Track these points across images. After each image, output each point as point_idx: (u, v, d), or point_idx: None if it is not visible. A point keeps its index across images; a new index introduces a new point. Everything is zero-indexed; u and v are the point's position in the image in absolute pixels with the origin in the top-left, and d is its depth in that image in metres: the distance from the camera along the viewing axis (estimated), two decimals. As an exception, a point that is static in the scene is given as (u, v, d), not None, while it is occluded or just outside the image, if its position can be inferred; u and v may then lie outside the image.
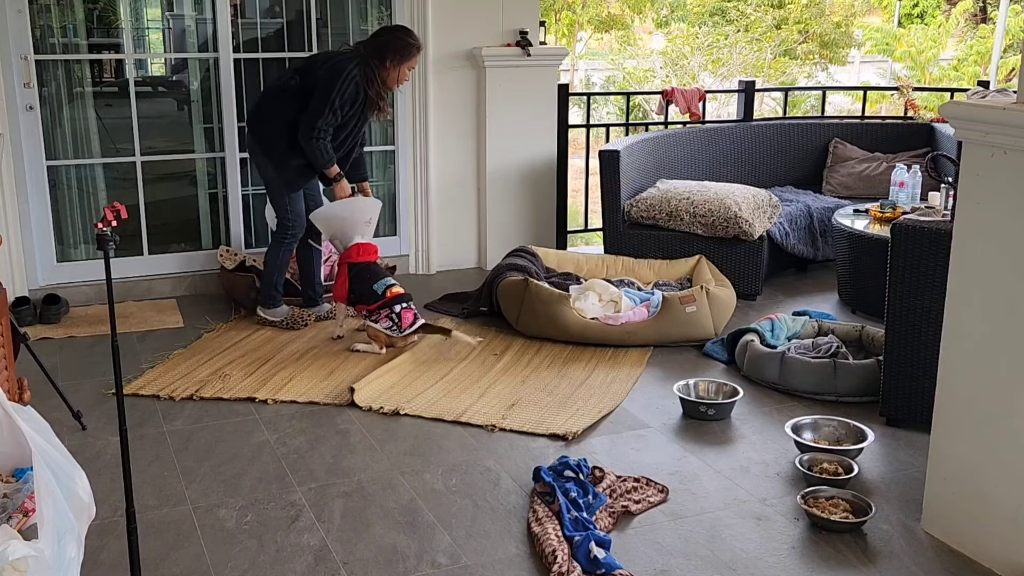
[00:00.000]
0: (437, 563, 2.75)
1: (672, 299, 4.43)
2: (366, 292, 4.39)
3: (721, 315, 4.56)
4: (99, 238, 2.29)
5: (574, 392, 3.95)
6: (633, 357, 4.33)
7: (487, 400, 3.85)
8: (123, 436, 2.42)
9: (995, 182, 2.60)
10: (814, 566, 2.74)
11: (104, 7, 5.23)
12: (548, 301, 4.45)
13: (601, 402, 3.85)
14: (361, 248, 4.47)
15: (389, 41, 4.36)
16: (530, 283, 4.51)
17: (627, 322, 4.41)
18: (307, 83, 4.35)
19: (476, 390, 3.94)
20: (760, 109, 10.06)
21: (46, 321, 4.74)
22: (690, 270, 5.08)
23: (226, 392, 3.93)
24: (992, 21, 15.54)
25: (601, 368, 4.21)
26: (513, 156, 5.76)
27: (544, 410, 3.77)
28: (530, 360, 4.30)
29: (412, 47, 4.40)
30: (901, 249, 3.49)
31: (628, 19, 16.09)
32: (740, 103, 6.70)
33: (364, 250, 4.47)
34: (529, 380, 4.07)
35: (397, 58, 4.35)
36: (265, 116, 4.49)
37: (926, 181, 5.55)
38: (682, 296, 4.44)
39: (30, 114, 4.86)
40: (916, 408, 3.54)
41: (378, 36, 4.43)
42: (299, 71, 4.43)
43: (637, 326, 4.41)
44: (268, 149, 4.48)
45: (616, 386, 4.01)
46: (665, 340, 4.44)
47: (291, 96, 4.38)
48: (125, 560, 2.48)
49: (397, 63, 4.37)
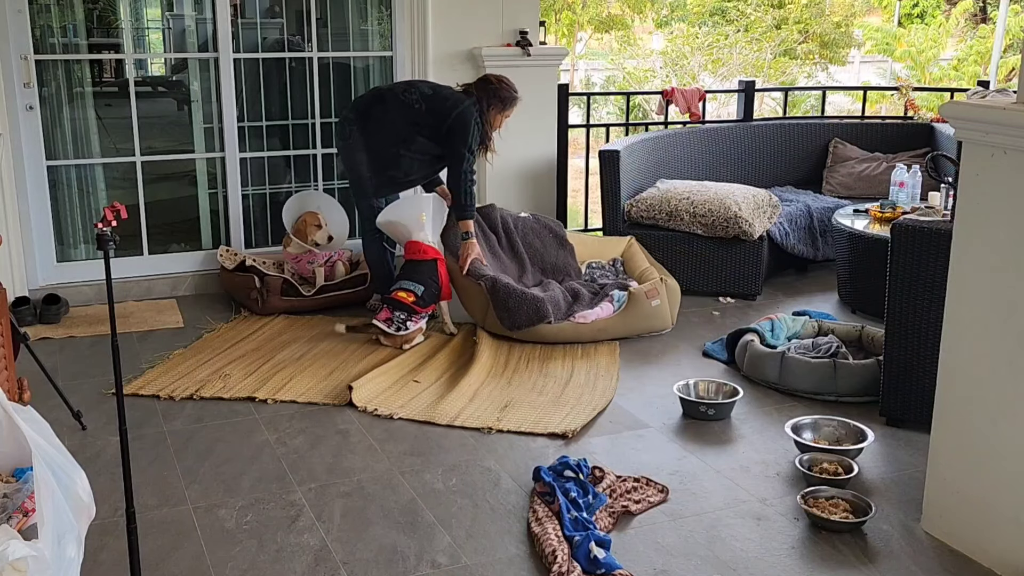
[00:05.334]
0: (437, 563, 2.75)
1: (638, 294, 4.59)
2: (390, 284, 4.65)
3: (673, 305, 4.74)
4: (99, 238, 2.29)
5: (563, 391, 3.97)
6: (604, 352, 4.41)
7: (478, 403, 3.84)
8: (123, 436, 2.42)
9: (995, 182, 2.60)
10: (814, 566, 2.75)
11: (104, 7, 5.23)
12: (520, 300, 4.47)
13: (592, 399, 3.88)
14: (410, 246, 4.62)
15: (499, 90, 4.72)
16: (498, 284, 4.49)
17: (597, 319, 4.51)
18: (433, 117, 4.60)
19: (467, 391, 3.94)
20: (760, 109, 10.06)
21: (46, 321, 4.74)
22: (622, 252, 5.23)
23: (226, 392, 3.93)
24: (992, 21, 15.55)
25: (580, 365, 4.26)
26: (513, 156, 5.76)
27: (538, 410, 3.78)
28: (507, 359, 4.32)
29: (515, 99, 4.78)
30: (901, 249, 3.49)
31: (628, 19, 16.10)
32: (740, 103, 6.70)
33: (411, 248, 4.61)
34: (515, 381, 4.08)
35: (500, 106, 4.73)
36: (383, 123, 4.66)
37: (926, 181, 5.56)
38: (647, 291, 4.61)
39: (30, 114, 4.86)
40: (916, 408, 3.54)
41: (488, 83, 4.76)
42: (424, 98, 4.65)
43: (607, 322, 4.52)
44: (374, 152, 4.67)
45: (601, 382, 4.06)
46: (631, 333, 4.59)
47: (412, 116, 4.62)
48: (125, 560, 2.48)
49: (500, 110, 4.74)
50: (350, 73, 5.64)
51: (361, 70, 5.67)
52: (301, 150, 5.61)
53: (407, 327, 4.38)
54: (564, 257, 5.11)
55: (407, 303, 4.41)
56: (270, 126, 5.58)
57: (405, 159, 4.66)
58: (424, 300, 4.47)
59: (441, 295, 4.61)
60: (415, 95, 4.66)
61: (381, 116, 4.65)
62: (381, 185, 4.74)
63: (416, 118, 4.61)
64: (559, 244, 5.14)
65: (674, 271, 5.21)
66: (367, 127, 4.66)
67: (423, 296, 4.47)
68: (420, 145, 4.64)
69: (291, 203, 5.18)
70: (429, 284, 4.51)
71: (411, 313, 4.41)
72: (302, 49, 5.46)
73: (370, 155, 4.67)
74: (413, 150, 4.65)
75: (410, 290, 4.47)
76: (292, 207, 5.16)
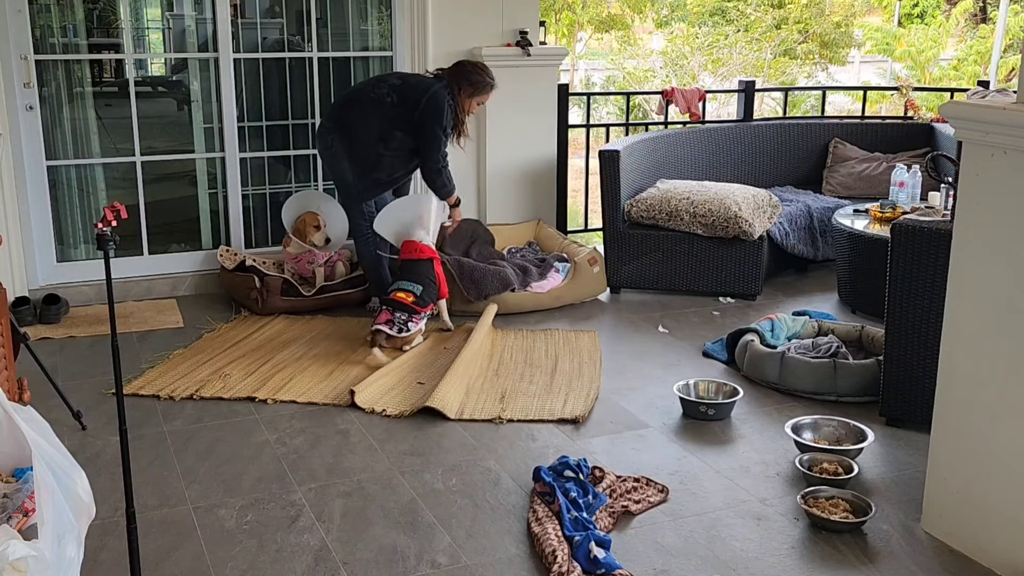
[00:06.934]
0: (437, 563, 2.75)
1: (582, 263, 5.11)
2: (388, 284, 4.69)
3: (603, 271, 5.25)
4: (99, 238, 2.29)
5: (553, 380, 4.07)
6: (585, 340, 4.55)
7: (475, 397, 3.88)
8: (123, 436, 2.42)
9: (995, 182, 2.60)
10: (814, 566, 2.75)
11: (104, 7, 5.23)
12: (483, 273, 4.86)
13: (582, 386, 4.00)
14: (407, 245, 4.65)
15: (471, 74, 4.71)
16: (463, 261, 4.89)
17: (553, 288, 5.01)
18: (406, 107, 4.60)
19: (460, 386, 3.94)
20: (760, 109, 10.05)
21: (46, 321, 4.74)
22: (535, 235, 5.75)
23: (226, 392, 3.93)
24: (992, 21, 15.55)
25: (563, 353, 4.38)
26: (513, 156, 5.76)
27: (535, 398, 3.86)
28: (490, 351, 4.37)
29: (488, 85, 4.75)
30: (901, 249, 3.49)
31: (628, 19, 16.10)
32: (740, 103, 6.70)
33: (407, 248, 4.64)
34: (502, 372, 4.15)
35: (471, 90, 4.70)
36: (359, 125, 4.66)
37: (926, 181, 5.55)
38: (588, 259, 5.14)
39: (30, 114, 4.86)
40: (916, 408, 3.54)
41: (462, 67, 4.76)
42: (395, 89, 4.65)
43: (561, 290, 5.03)
44: (356, 158, 4.68)
45: (587, 369, 4.19)
46: (582, 298, 5.13)
47: (386, 111, 4.61)
48: (125, 560, 2.48)
49: (470, 94, 4.71)
50: (350, 73, 5.64)
51: (361, 70, 5.67)
52: (301, 150, 5.62)
53: (408, 328, 4.38)
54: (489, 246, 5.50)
55: (407, 303, 4.41)
56: (270, 126, 5.58)
57: (386, 159, 4.68)
58: (423, 300, 4.48)
59: (440, 294, 4.61)
60: (384, 89, 4.67)
61: (356, 119, 4.66)
62: (367, 189, 4.77)
63: (390, 112, 4.62)
64: (485, 233, 5.52)
65: (674, 271, 5.24)
66: (345, 133, 4.67)
67: (422, 296, 4.47)
68: (399, 141, 4.65)
69: (291, 203, 5.18)
70: (427, 283, 4.52)
71: (411, 313, 4.41)
72: (302, 49, 5.46)
73: (352, 161, 4.69)
74: (393, 148, 4.66)
75: (409, 290, 4.47)
76: (292, 207, 5.16)
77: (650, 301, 5.20)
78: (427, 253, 4.60)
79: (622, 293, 5.32)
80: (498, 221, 5.73)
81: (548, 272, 5.09)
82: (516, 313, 4.90)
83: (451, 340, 4.52)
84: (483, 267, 4.90)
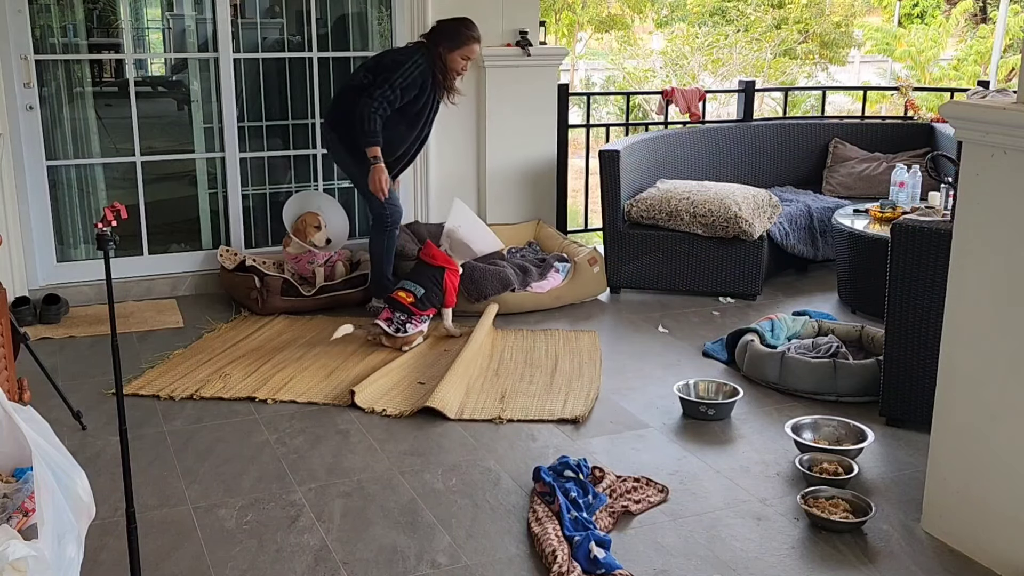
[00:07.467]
0: (437, 563, 2.75)
1: (582, 263, 5.11)
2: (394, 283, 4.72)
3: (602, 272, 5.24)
4: (99, 238, 2.29)
5: (553, 380, 4.06)
6: (585, 340, 4.55)
7: (475, 397, 3.88)
8: (123, 436, 2.42)
9: (995, 182, 2.60)
10: (814, 566, 2.75)
11: (104, 7, 5.23)
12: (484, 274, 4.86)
13: (582, 386, 3.99)
14: (426, 248, 4.66)
15: (449, 29, 4.65)
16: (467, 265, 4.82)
17: (552, 288, 5.01)
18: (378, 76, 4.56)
19: (460, 386, 3.94)
20: (760, 109, 10.06)
21: (46, 321, 4.74)
22: (535, 235, 5.77)
23: (226, 392, 3.93)
24: (992, 21, 15.55)
25: (563, 354, 4.36)
26: (513, 156, 5.76)
27: (535, 398, 3.86)
28: (490, 352, 4.36)
29: (465, 36, 4.66)
30: (901, 249, 3.49)
31: (628, 19, 16.10)
32: (740, 103, 6.70)
33: (425, 250, 4.65)
34: (502, 372, 4.14)
35: (449, 44, 4.62)
36: (345, 115, 4.63)
37: (926, 181, 5.55)
38: (588, 259, 5.13)
39: (30, 114, 4.86)
40: (916, 408, 3.54)
41: (440, 24, 4.72)
42: (370, 69, 4.63)
43: (560, 290, 5.03)
44: (351, 147, 4.65)
45: (587, 369, 4.18)
46: (582, 298, 5.13)
47: (364, 91, 4.55)
48: (125, 560, 2.48)
49: (450, 49, 4.62)
50: (350, 73, 5.63)
51: (361, 70, 5.66)
52: (301, 150, 5.62)
53: (406, 329, 4.38)
54: None
55: (405, 303, 4.41)
56: (270, 126, 5.58)
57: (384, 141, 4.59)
58: (422, 303, 4.47)
59: (444, 302, 4.60)
60: (360, 73, 4.68)
61: (344, 116, 4.64)
62: None
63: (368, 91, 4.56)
64: None
65: (674, 271, 5.23)
66: (338, 128, 4.67)
67: (421, 299, 4.47)
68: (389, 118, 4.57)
69: (291, 203, 5.18)
70: (430, 288, 4.51)
71: (409, 315, 4.41)
72: (302, 49, 5.46)
73: (355, 156, 4.65)
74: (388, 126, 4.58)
75: (409, 291, 4.47)
76: (292, 207, 5.16)
77: (650, 301, 5.20)
78: (440, 260, 4.58)
79: (622, 293, 5.32)
80: (498, 221, 5.73)
81: (548, 272, 5.09)
82: (516, 313, 4.90)
83: (451, 341, 4.52)
84: (483, 267, 4.89)
